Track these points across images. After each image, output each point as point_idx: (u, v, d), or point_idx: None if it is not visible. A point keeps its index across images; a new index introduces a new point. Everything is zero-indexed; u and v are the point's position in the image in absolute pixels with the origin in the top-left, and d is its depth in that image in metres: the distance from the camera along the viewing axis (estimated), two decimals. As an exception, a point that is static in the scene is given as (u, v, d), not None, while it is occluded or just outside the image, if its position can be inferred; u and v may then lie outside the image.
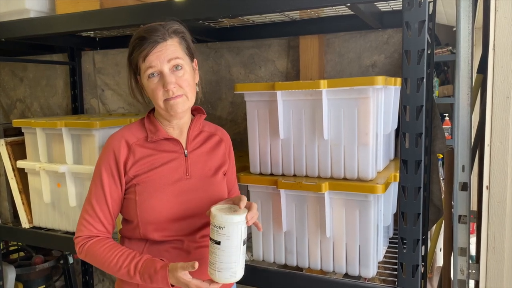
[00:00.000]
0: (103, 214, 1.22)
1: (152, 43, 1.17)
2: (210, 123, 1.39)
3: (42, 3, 1.84)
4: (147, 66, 1.17)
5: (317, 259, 1.45)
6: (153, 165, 1.23)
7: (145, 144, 1.24)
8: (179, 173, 1.25)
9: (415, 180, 1.25)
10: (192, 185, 1.26)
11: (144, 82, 1.21)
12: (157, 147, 1.25)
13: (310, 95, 1.38)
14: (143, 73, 1.20)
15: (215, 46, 2.16)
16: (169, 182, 1.23)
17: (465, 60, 1.38)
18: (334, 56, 1.94)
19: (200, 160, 1.29)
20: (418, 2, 1.17)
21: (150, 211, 1.21)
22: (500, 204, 1.31)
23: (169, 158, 1.25)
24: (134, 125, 1.29)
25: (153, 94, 1.20)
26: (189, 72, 1.23)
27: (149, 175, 1.22)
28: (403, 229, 1.28)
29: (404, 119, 1.24)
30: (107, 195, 1.21)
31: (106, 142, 1.25)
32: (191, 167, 1.27)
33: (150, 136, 1.24)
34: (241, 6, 1.39)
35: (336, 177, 1.41)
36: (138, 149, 1.23)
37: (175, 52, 1.19)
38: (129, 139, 1.24)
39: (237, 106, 2.16)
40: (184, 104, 1.20)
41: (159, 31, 1.18)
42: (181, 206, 1.23)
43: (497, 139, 1.29)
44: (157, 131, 1.25)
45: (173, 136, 1.26)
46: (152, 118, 1.28)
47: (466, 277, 1.43)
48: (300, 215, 1.45)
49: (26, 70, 2.74)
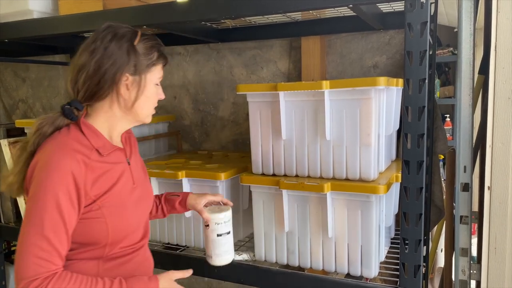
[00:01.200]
0: (62, 246, 1.01)
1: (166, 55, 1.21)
2: None
3: (45, 4, 1.85)
4: (161, 75, 1.19)
5: (319, 259, 1.45)
6: (112, 180, 1.11)
7: (100, 158, 1.09)
8: (130, 184, 1.17)
9: (416, 181, 1.25)
10: (140, 193, 1.20)
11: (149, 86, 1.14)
12: (110, 159, 1.12)
13: (313, 95, 1.38)
14: (152, 75, 1.14)
15: (217, 47, 2.17)
16: (128, 194, 1.15)
17: (467, 61, 1.38)
18: (336, 57, 1.94)
19: (136, 165, 1.24)
20: (420, 3, 1.18)
21: (123, 228, 1.12)
22: (501, 205, 1.31)
23: (121, 170, 1.15)
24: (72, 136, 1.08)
25: (151, 101, 1.17)
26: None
27: (112, 192, 1.10)
28: (404, 230, 1.28)
29: (406, 120, 1.25)
30: (67, 224, 1.01)
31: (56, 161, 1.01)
32: (134, 174, 1.19)
33: (101, 150, 1.10)
34: (244, 7, 1.39)
35: (338, 177, 1.42)
36: (95, 165, 1.07)
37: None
38: (84, 156, 1.05)
39: (239, 106, 2.16)
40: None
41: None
42: (138, 218, 1.18)
43: (499, 140, 1.30)
44: (104, 143, 1.12)
45: (116, 145, 1.16)
46: (91, 127, 1.11)
47: (467, 278, 1.43)
48: (302, 216, 1.45)
49: (28, 70, 2.75)
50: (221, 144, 2.23)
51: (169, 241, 1.73)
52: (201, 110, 2.25)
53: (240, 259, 1.56)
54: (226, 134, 2.21)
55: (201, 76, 2.23)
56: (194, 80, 2.24)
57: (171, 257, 1.64)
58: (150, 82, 1.14)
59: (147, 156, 1.98)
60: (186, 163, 1.77)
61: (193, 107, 2.27)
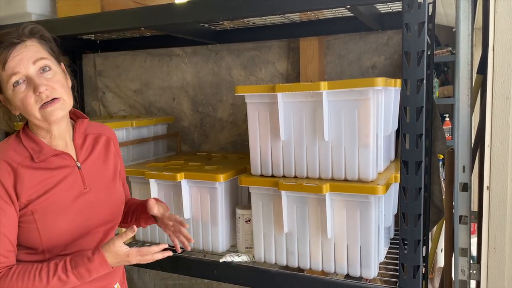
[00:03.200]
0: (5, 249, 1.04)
1: (8, 46, 1.03)
2: (92, 122, 1.27)
3: (43, 6, 1.85)
4: (9, 74, 1.03)
5: (318, 260, 1.45)
6: (47, 186, 1.08)
7: (32, 164, 1.08)
8: (77, 188, 1.14)
9: (415, 181, 1.25)
10: (93, 198, 1.16)
11: (9, 94, 1.05)
12: (47, 165, 1.10)
13: (311, 96, 1.38)
14: (5, 84, 1.05)
15: (216, 48, 2.17)
16: (69, 200, 1.12)
17: (465, 61, 1.38)
18: (334, 57, 1.95)
19: (94, 169, 1.19)
20: (418, 3, 1.18)
21: (57, 235, 1.10)
22: (500, 205, 1.31)
23: (63, 175, 1.12)
24: (9, 145, 1.10)
25: (24, 105, 1.04)
26: (60, 73, 1.11)
27: (45, 198, 1.07)
28: (404, 230, 1.28)
29: (404, 120, 1.25)
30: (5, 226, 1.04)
31: None
32: (87, 178, 1.16)
33: (35, 156, 1.08)
34: (242, 8, 1.39)
35: (337, 178, 1.42)
36: (26, 172, 1.06)
37: (38, 53, 1.07)
38: (11, 160, 1.06)
39: (238, 108, 2.16)
40: (63, 109, 1.08)
41: (12, 33, 1.05)
42: (86, 222, 1.14)
43: (497, 140, 1.30)
44: (41, 148, 1.10)
45: (60, 150, 1.13)
46: (30, 134, 1.11)
47: (467, 278, 1.43)
48: (301, 216, 1.45)
49: (27, 73, 2.75)
50: (220, 146, 2.23)
51: (169, 243, 1.73)
52: (200, 111, 2.25)
53: (239, 261, 1.56)
54: (225, 136, 2.21)
55: (199, 78, 2.23)
56: (193, 81, 2.24)
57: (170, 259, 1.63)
58: (8, 90, 1.06)
59: (146, 158, 1.98)
60: (185, 164, 1.77)
61: (192, 109, 2.27)
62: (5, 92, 1.07)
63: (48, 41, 1.13)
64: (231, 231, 1.67)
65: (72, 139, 1.18)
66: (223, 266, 1.55)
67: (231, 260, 1.55)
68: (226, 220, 1.64)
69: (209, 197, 1.59)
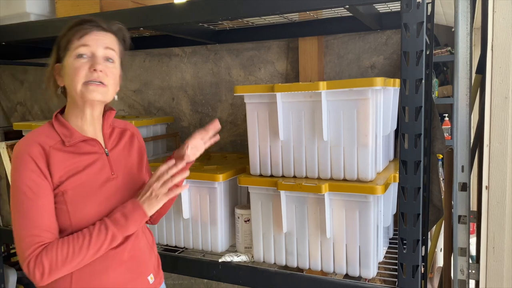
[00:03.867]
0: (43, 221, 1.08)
1: (93, 26, 1.14)
2: (117, 119, 1.34)
3: (42, 6, 1.85)
4: (80, 43, 1.12)
5: (317, 260, 1.46)
6: (77, 169, 1.14)
7: (63, 148, 1.14)
8: (105, 174, 1.19)
9: (414, 181, 1.25)
10: (120, 184, 1.21)
11: (68, 62, 1.12)
12: (76, 150, 1.16)
13: (310, 96, 1.38)
14: (71, 52, 1.12)
15: (215, 48, 2.17)
16: (98, 184, 1.16)
17: (464, 60, 1.39)
18: (333, 57, 1.95)
19: (121, 157, 1.25)
20: (417, 3, 1.18)
21: (85, 218, 1.13)
22: (499, 204, 1.31)
23: (92, 160, 1.17)
24: (42, 129, 1.17)
25: (74, 74, 1.11)
26: (118, 71, 1.19)
27: (75, 179, 1.12)
28: (403, 230, 1.28)
29: (403, 120, 1.25)
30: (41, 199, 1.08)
31: (15, 151, 1.11)
32: (115, 165, 1.22)
33: (66, 140, 1.14)
34: (241, 8, 1.39)
35: (336, 178, 1.42)
36: (56, 154, 1.12)
37: (112, 44, 1.16)
38: (43, 143, 1.12)
39: (237, 107, 2.16)
40: (103, 95, 1.14)
41: (104, 22, 1.17)
42: (111, 208, 1.17)
43: (496, 140, 1.30)
44: (71, 133, 1.16)
45: (89, 136, 1.19)
46: (62, 120, 1.18)
47: (466, 277, 1.43)
48: (300, 216, 1.45)
49: (26, 73, 2.75)
50: (219, 145, 2.23)
51: (168, 243, 1.73)
52: (199, 111, 2.25)
53: (238, 260, 1.56)
54: (224, 135, 2.22)
55: (199, 78, 2.23)
56: (192, 81, 2.24)
57: (170, 259, 1.64)
58: (70, 57, 1.13)
59: (146, 158, 1.98)
60: (184, 164, 1.77)
61: (191, 109, 2.27)
62: (66, 59, 1.14)
63: (124, 45, 1.23)
64: (230, 231, 1.68)
65: (102, 128, 1.23)
66: (222, 266, 1.55)
67: (230, 260, 1.55)
68: (225, 220, 1.64)
69: (208, 197, 1.59)
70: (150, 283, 1.27)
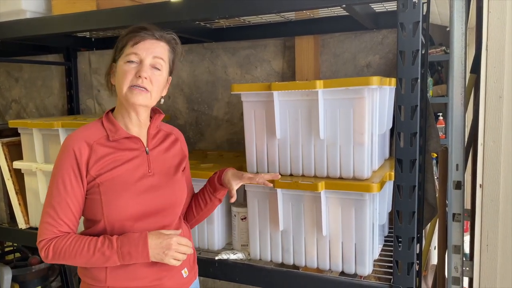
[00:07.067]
0: (66, 216, 1.19)
1: (149, 35, 1.22)
2: (166, 124, 1.42)
3: (38, 3, 1.84)
4: (132, 51, 1.21)
5: (313, 258, 1.46)
6: (116, 163, 1.22)
7: (106, 143, 1.23)
8: (142, 170, 1.25)
9: (410, 179, 1.26)
10: (155, 182, 1.26)
11: (119, 64, 1.23)
12: (118, 145, 1.24)
13: (306, 95, 1.39)
14: (124, 56, 1.22)
15: (211, 46, 2.17)
16: (133, 179, 1.23)
17: (459, 60, 1.40)
18: (329, 56, 1.95)
19: (160, 157, 1.31)
20: (413, 3, 1.19)
21: (117, 209, 1.20)
22: (493, 202, 1.33)
23: (131, 156, 1.25)
24: (92, 125, 1.27)
25: (122, 77, 1.21)
26: (164, 78, 1.27)
27: (112, 173, 1.21)
28: (398, 228, 1.30)
29: (399, 118, 1.26)
30: (70, 196, 1.18)
31: (64, 142, 1.23)
32: (153, 164, 1.28)
33: (110, 135, 1.24)
34: (238, 7, 1.39)
35: (332, 176, 1.43)
36: (99, 148, 1.22)
37: (162, 54, 1.24)
38: (89, 138, 1.22)
39: (234, 106, 2.17)
40: (145, 100, 1.22)
41: (159, 31, 1.25)
42: (146, 204, 1.23)
43: (490, 138, 1.31)
44: (117, 130, 1.25)
45: (133, 134, 1.27)
46: (111, 118, 1.27)
47: (460, 275, 1.44)
48: (296, 214, 1.46)
49: (21, 70, 2.74)
50: (216, 144, 2.24)
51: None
52: (195, 109, 2.26)
53: (235, 258, 1.56)
54: (220, 134, 2.22)
55: (195, 76, 2.23)
56: (188, 79, 2.24)
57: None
58: (121, 60, 1.23)
59: (142, 156, 1.97)
60: (180, 162, 1.77)
61: (187, 107, 2.27)
62: (119, 61, 1.24)
63: (175, 54, 1.31)
64: (227, 229, 1.68)
65: (147, 128, 1.30)
66: (218, 264, 1.56)
67: (226, 257, 1.56)
68: (221, 218, 1.65)
69: (205, 195, 1.59)
70: (184, 277, 1.30)
